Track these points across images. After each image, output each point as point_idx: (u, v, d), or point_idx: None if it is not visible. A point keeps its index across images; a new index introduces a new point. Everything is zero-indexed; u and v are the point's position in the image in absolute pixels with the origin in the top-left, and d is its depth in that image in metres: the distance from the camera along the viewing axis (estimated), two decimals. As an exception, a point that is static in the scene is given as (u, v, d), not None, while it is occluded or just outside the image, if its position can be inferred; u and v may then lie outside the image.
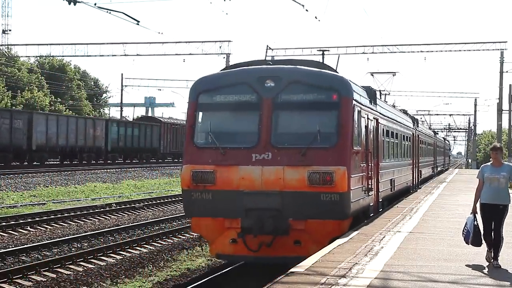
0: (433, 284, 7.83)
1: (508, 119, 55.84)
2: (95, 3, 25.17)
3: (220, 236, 11.88)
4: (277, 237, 11.36)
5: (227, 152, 11.77)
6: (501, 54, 52.45)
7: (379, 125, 15.56)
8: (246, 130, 12.20)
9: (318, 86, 12.11)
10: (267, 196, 11.47)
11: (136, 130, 56.47)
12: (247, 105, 12.21)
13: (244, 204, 11.47)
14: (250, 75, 12.29)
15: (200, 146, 12.17)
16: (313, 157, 11.48)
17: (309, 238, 11.47)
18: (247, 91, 12.20)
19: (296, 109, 12.16)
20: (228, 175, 11.67)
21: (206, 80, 12.77)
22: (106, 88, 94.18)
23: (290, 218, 11.41)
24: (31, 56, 67.36)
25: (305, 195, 11.40)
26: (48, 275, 12.61)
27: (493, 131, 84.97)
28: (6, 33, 76.83)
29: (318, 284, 7.66)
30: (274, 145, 11.69)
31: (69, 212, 21.82)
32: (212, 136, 12.01)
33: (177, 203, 27.09)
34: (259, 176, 11.54)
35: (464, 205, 17.21)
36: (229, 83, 12.39)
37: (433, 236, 11.82)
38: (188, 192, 12.03)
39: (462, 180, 33.76)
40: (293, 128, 12.14)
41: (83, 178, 35.91)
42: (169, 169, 49.81)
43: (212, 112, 12.46)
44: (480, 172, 9.49)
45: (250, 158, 11.63)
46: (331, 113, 11.98)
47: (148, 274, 13.16)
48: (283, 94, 12.04)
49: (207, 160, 11.84)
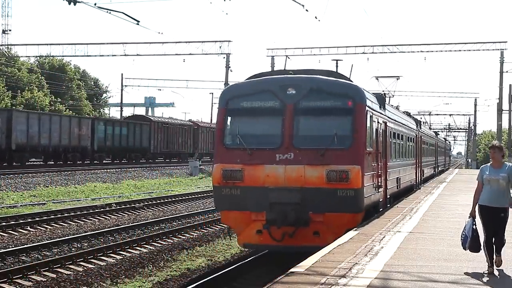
0: (433, 284, 7.83)
1: (508, 119, 55.87)
2: (95, 3, 25.18)
3: (247, 227, 13.15)
4: (299, 228, 12.63)
5: (254, 152, 13.13)
6: (501, 54, 52.46)
7: (387, 128, 16.88)
8: (270, 132, 13.51)
9: (335, 93, 13.49)
10: (289, 191, 12.74)
11: (125, 129, 54.18)
12: (271, 111, 13.53)
13: (269, 199, 12.75)
14: (273, 84, 13.65)
15: (229, 147, 13.49)
16: (331, 157, 12.81)
17: (327, 229, 12.68)
18: (271, 98, 13.54)
19: (315, 114, 13.50)
20: (255, 173, 12.99)
21: (234, 88, 14.62)
22: (106, 88, 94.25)
23: (310, 211, 12.70)
24: (31, 56, 67.45)
25: (323, 191, 12.71)
26: (48, 275, 12.61)
27: (493, 131, 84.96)
28: (6, 33, 76.91)
29: (318, 284, 7.66)
30: (296, 146, 13.01)
31: (69, 212, 21.82)
32: (240, 138, 13.37)
33: (177, 203, 27.10)
34: (283, 174, 12.86)
35: (464, 205, 17.20)
36: (255, 90, 13.75)
37: (433, 236, 11.82)
38: (218, 188, 13.33)
39: (462, 180, 33.75)
40: (312, 131, 13.51)
41: (83, 178, 35.91)
42: (169, 169, 49.79)
43: (240, 116, 13.83)
44: (480, 173, 8.98)
45: (275, 158, 12.97)
46: (347, 118, 13.35)
47: (148, 274, 13.16)
48: (303, 100, 13.36)
49: (236, 159, 13.20)
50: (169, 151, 61.64)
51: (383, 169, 15.92)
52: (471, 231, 8.81)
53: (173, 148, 62.26)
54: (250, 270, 13.42)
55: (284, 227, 12.56)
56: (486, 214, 8.78)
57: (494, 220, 8.73)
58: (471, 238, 8.80)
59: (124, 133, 53.73)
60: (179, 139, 63.07)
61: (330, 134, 12.98)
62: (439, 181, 32.45)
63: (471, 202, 9.09)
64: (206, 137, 68.94)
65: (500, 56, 52.55)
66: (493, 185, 8.74)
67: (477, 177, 9.03)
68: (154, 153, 59.39)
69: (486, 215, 8.78)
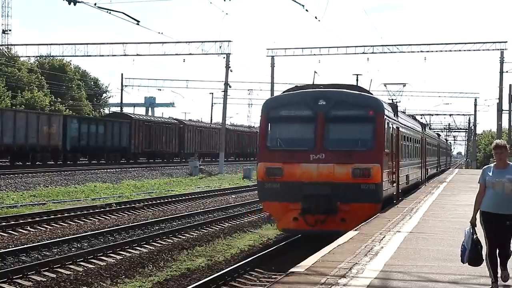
0: (433, 284, 7.83)
1: (508, 119, 55.93)
2: (95, 3, 25.21)
3: (285, 215, 15.68)
4: (329, 216, 15.16)
5: (291, 153, 15.70)
6: (501, 54, 52.49)
7: (399, 132, 19.43)
8: (305, 136, 15.98)
9: (359, 104, 16.17)
10: (321, 185, 15.28)
11: (102, 128, 50.11)
12: (306, 118, 16.06)
13: (303, 192, 15.26)
14: (307, 96, 16.28)
15: (271, 149, 16.06)
16: (355, 157, 15.38)
17: (352, 217, 14.93)
18: (305, 108, 16.09)
19: (342, 121, 16.09)
20: (292, 170, 15.56)
21: (274, 100, 18.14)
22: (106, 88, 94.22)
23: (338, 202, 15.22)
24: (31, 56, 67.39)
25: (349, 185, 15.22)
26: (48, 275, 12.60)
27: (493, 131, 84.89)
28: (6, 33, 76.91)
29: (318, 284, 7.66)
30: (326, 148, 15.56)
31: (69, 212, 21.81)
32: (280, 141, 16.14)
33: (177, 203, 27.10)
34: (316, 171, 15.41)
35: (464, 205, 17.20)
36: (291, 102, 16.41)
37: (433, 236, 11.82)
38: (262, 182, 16.07)
39: (462, 180, 33.75)
40: (340, 135, 16.00)
41: (83, 178, 35.91)
42: (169, 169, 49.76)
43: (279, 123, 16.37)
44: (482, 175, 7.89)
45: (309, 157, 15.48)
46: (369, 124, 15.88)
47: (148, 274, 13.15)
48: (332, 110, 15.84)
49: (276, 159, 15.76)
50: (152, 151, 57.97)
51: (396, 167, 18.53)
52: (470, 242, 7.72)
53: (156, 147, 58.37)
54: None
55: (316, 215, 15.16)
56: (489, 222, 7.70)
57: (499, 229, 7.66)
58: (470, 249, 7.70)
59: (101, 132, 49.87)
60: (163, 138, 59.33)
61: (355, 138, 15.82)
62: (439, 181, 32.45)
63: (471, 202, 8.47)
64: (192, 137, 65.69)
65: (500, 56, 52.58)
66: (498, 188, 7.68)
67: (479, 180, 7.97)
68: (135, 153, 55.40)
69: (489, 223, 7.70)
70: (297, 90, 17.12)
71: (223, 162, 52.41)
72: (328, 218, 15.15)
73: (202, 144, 67.43)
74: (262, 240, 17.82)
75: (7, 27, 77.04)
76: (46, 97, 68.03)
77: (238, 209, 25.50)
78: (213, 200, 29.34)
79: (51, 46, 54.89)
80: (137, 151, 55.49)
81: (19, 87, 65.84)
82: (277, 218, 16.15)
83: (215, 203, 27.73)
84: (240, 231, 19.24)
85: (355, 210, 15.13)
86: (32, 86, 67.58)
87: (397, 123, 19.15)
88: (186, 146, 63.77)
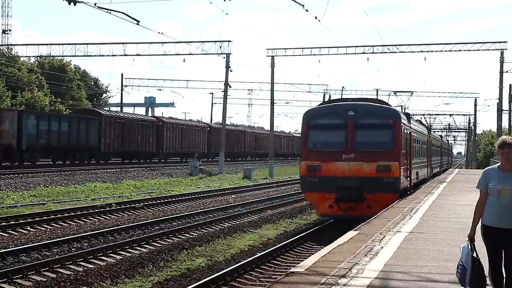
0: (433, 284, 7.83)
1: (508, 119, 55.93)
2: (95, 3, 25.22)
3: (322, 203, 19.39)
4: (357, 203, 18.73)
5: (327, 153, 19.32)
6: (501, 54, 52.42)
7: (411, 136, 23.12)
8: (338, 140, 19.49)
9: (381, 115, 19.95)
10: (351, 179, 18.83)
11: (65, 125, 45.15)
12: (338, 126, 19.62)
13: (337, 184, 18.88)
14: (339, 108, 20.14)
15: (311, 150, 19.72)
16: (379, 156, 19.03)
17: (376, 204, 18.16)
18: (338, 117, 19.73)
19: (367, 128, 19.64)
20: (328, 167, 19.19)
21: (313, 111, 21.44)
22: (106, 88, 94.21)
23: (365, 192, 18.76)
24: (31, 56, 67.37)
25: (374, 179, 18.79)
26: (48, 275, 12.60)
27: (493, 131, 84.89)
28: (6, 33, 76.91)
29: (318, 284, 7.66)
30: (355, 149, 19.14)
31: (69, 212, 21.81)
32: (318, 144, 19.74)
33: (177, 203, 27.10)
34: (347, 167, 19.03)
35: (464, 205, 17.20)
36: (327, 112, 20.29)
37: (433, 236, 11.82)
38: (304, 177, 19.73)
39: (462, 180, 33.75)
40: (366, 139, 19.50)
41: (83, 178, 35.91)
42: (169, 169, 49.75)
43: (317, 130, 19.96)
44: (483, 179, 6.52)
45: (341, 157, 19.12)
46: (389, 130, 19.57)
47: (148, 274, 13.15)
48: (359, 119, 19.45)
49: (315, 158, 19.43)
50: (126, 150, 53.07)
51: (409, 165, 22.14)
52: (470, 260, 6.45)
53: (130, 147, 53.38)
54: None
55: (348, 202, 18.79)
56: (493, 239, 6.37)
57: (506, 246, 6.33)
58: (471, 270, 6.44)
59: (64, 130, 44.85)
60: (138, 137, 54.33)
61: (378, 141, 19.46)
62: (439, 181, 32.45)
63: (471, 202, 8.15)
64: (173, 135, 60.65)
65: (500, 56, 52.50)
66: (504, 197, 6.28)
67: (478, 185, 6.58)
68: (106, 153, 50.59)
69: (493, 239, 6.38)
70: (331, 103, 21.84)
71: (223, 162, 52.41)
72: (357, 205, 18.76)
73: (183, 143, 62.85)
74: (262, 240, 17.83)
75: (7, 27, 77.08)
76: (46, 97, 68.01)
77: (238, 209, 25.50)
78: (213, 200, 29.34)
79: (51, 46, 54.85)
80: (108, 150, 50.52)
81: (19, 87, 65.83)
82: (316, 205, 20.27)
83: (215, 203, 27.73)
84: (240, 231, 19.24)
85: (379, 198, 18.54)
86: (32, 86, 67.56)
87: (410, 129, 23.04)
88: (165, 145, 59.28)
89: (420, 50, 52.04)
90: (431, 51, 52.19)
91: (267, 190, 36.41)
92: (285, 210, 25.78)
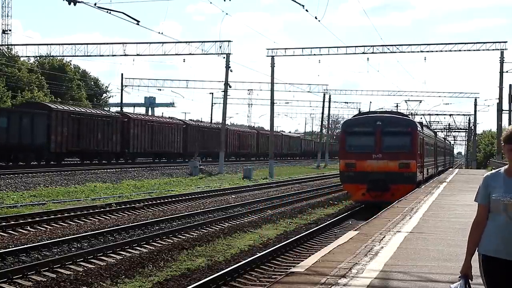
0: (433, 284, 7.83)
1: (508, 119, 55.89)
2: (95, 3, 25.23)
3: (357, 192, 25.22)
4: (384, 192, 24.41)
5: (360, 154, 25.17)
6: (501, 54, 52.42)
7: (423, 140, 29.02)
8: (369, 144, 25.14)
9: (401, 124, 26.12)
10: (379, 174, 24.58)
11: (3, 120, 39.00)
12: (369, 133, 25.26)
13: (368, 177, 24.65)
14: (369, 119, 26.32)
15: (348, 151, 25.71)
16: (400, 156, 24.78)
17: (398, 193, 23.16)
18: (369, 126, 25.54)
19: (391, 135, 25.24)
20: (361, 164, 24.98)
21: (349, 121, 27.83)
22: (106, 88, 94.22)
23: (390, 184, 24.42)
24: (31, 56, 67.38)
25: (397, 173, 24.52)
26: (48, 275, 12.60)
27: (493, 131, 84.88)
28: (6, 33, 76.90)
29: (318, 284, 7.66)
30: (382, 151, 24.85)
31: (69, 212, 21.80)
32: (353, 147, 25.56)
33: (177, 203, 27.10)
34: (376, 165, 24.79)
35: (464, 205, 17.21)
36: (359, 122, 26.53)
37: (433, 236, 11.82)
38: (343, 172, 25.71)
39: (462, 180, 33.72)
40: (390, 143, 25.06)
41: (83, 178, 35.91)
42: (169, 169, 49.74)
43: (353, 136, 25.75)
44: (483, 188, 4.57)
45: (371, 156, 24.95)
46: (408, 136, 25.38)
47: (148, 274, 13.15)
48: (385, 127, 25.21)
49: (352, 157, 25.34)
50: (83, 149, 47.34)
51: (422, 163, 27.81)
52: None
53: (88, 146, 47.48)
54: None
55: (376, 191, 24.51)
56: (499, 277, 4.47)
57: None
58: None
59: (3, 126, 38.86)
60: (98, 135, 48.40)
61: (399, 145, 25.15)
62: (439, 181, 32.46)
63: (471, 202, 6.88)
64: (141, 133, 54.53)
65: (500, 56, 52.50)
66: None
67: (477, 197, 4.66)
68: (57, 153, 44.46)
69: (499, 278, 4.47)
70: (363, 116, 28.88)
71: (223, 162, 52.39)
72: (383, 193, 24.36)
73: (154, 142, 56.68)
74: (262, 240, 17.82)
75: (7, 27, 77.08)
76: (46, 97, 68.02)
77: (238, 209, 25.50)
78: (213, 200, 29.34)
79: (51, 46, 54.84)
80: (60, 150, 44.47)
81: (19, 87, 65.82)
82: (352, 193, 26.09)
83: (215, 203, 27.73)
84: (240, 231, 19.24)
85: (400, 188, 23.83)
86: (32, 86, 67.56)
87: (423, 134, 28.92)
88: (132, 144, 53.31)
89: (420, 50, 52.05)
90: (431, 51, 52.20)
91: (267, 190, 36.41)
92: (285, 210, 25.77)
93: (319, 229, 19.61)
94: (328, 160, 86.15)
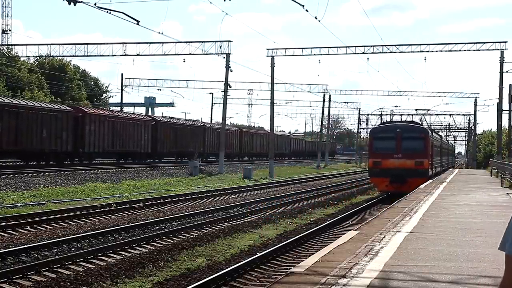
0: (433, 284, 7.83)
1: (508, 119, 55.88)
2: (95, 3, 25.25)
3: (382, 184, 31.99)
4: (402, 184, 30.30)
5: (385, 154, 31.79)
6: (501, 54, 52.42)
7: (433, 143, 35.68)
8: (391, 147, 31.67)
9: (416, 131, 33.01)
10: (399, 170, 30.92)
11: None
12: (391, 137, 31.83)
13: (391, 173, 30.98)
14: (391, 127, 33.67)
15: (375, 152, 32.80)
16: (416, 156, 31.47)
17: (414, 185, 28.44)
18: (391, 132, 32.31)
19: (408, 139, 31.78)
20: (386, 162, 31.47)
21: (376, 128, 36.27)
22: (106, 88, 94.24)
23: (407, 178, 30.61)
24: (31, 56, 67.40)
25: (413, 169, 31.14)
26: (48, 275, 12.60)
27: (493, 131, 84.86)
28: (6, 33, 76.95)
29: (318, 284, 7.66)
30: (402, 152, 31.48)
31: (69, 212, 21.80)
32: (379, 148, 32.37)
33: (177, 203, 27.10)
34: (397, 162, 31.28)
35: (464, 205, 17.20)
36: (384, 129, 33.93)
37: (433, 236, 11.82)
38: (371, 168, 32.93)
39: (462, 180, 33.76)
40: (408, 146, 31.65)
41: (83, 178, 35.90)
42: (169, 169, 49.72)
43: (379, 140, 32.60)
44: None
45: (393, 156, 31.49)
46: (421, 140, 32.30)
47: (148, 274, 13.15)
48: (404, 133, 31.92)
49: (378, 157, 32.20)
50: (22, 149, 40.57)
51: (432, 161, 34.31)
52: None
53: (30, 144, 40.68)
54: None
55: (397, 184, 30.75)
56: None
57: None
58: None
59: None
60: (44, 132, 41.56)
61: (415, 147, 31.73)
62: (439, 181, 32.55)
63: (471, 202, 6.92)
64: (99, 131, 47.85)
65: (500, 56, 52.50)
66: None
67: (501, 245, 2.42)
68: None
69: None
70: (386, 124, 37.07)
71: (223, 162, 52.39)
72: (402, 185, 30.10)
73: (115, 141, 50.27)
74: (262, 240, 17.82)
75: (7, 27, 77.11)
76: (46, 97, 68.06)
77: (238, 209, 25.50)
78: (213, 200, 29.34)
79: (51, 46, 54.86)
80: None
81: (19, 87, 65.87)
82: (378, 185, 33.11)
83: (215, 203, 27.73)
84: (240, 231, 19.24)
85: (416, 181, 29.68)
86: (32, 86, 67.60)
87: (432, 138, 35.71)
88: (88, 143, 46.77)
89: (420, 50, 52.07)
90: (431, 51, 52.22)
91: (267, 190, 36.42)
92: (285, 210, 25.78)
93: (319, 229, 19.63)
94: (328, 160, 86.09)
